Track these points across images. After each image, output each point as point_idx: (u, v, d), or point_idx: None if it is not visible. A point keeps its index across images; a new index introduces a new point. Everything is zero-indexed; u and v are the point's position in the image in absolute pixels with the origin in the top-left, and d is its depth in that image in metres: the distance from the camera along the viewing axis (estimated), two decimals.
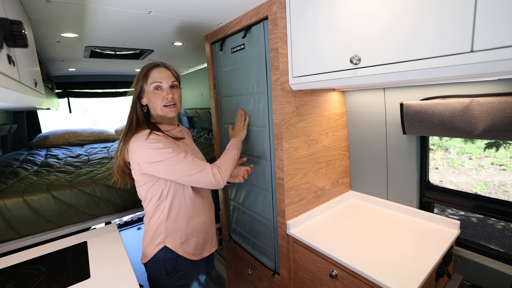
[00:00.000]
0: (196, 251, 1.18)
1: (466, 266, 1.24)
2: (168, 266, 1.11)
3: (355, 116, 1.56)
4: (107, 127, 4.41)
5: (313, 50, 1.09)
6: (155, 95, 1.05)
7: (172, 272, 1.12)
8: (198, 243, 1.19)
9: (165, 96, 1.05)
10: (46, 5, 1.12)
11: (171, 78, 1.08)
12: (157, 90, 1.05)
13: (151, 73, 1.04)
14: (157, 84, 1.05)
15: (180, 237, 1.13)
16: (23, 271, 1.15)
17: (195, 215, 1.17)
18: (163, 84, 1.05)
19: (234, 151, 1.21)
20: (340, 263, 1.08)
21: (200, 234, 1.19)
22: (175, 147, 1.03)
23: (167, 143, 1.01)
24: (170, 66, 1.11)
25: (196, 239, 1.18)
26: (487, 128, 1.02)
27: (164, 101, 1.05)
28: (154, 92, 1.05)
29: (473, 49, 0.66)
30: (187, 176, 1.01)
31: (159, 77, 1.05)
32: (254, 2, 1.20)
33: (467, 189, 3.59)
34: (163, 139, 1.02)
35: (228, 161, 1.14)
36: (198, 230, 1.18)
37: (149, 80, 1.04)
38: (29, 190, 1.70)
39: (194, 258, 1.17)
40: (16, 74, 0.77)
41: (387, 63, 0.85)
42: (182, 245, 1.13)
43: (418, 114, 1.21)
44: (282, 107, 1.21)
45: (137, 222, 3.72)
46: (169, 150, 0.99)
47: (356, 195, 1.64)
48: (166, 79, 1.06)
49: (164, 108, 1.07)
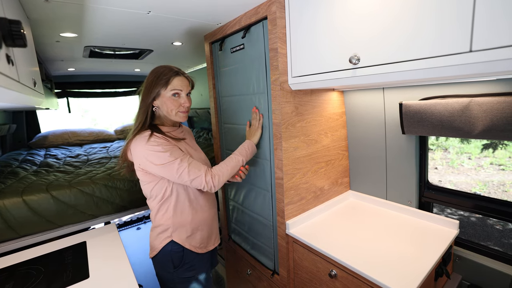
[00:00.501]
0: (201, 244, 1.22)
1: (465, 266, 1.24)
2: (175, 259, 1.15)
3: (355, 116, 1.56)
4: (107, 127, 4.40)
5: (312, 50, 1.09)
6: (172, 102, 1.10)
7: (179, 264, 1.15)
8: (203, 237, 1.22)
9: (183, 104, 1.12)
10: (45, 4, 1.12)
11: (188, 87, 1.15)
12: (175, 96, 1.10)
13: (172, 81, 1.08)
14: (176, 92, 1.10)
15: (186, 231, 1.17)
16: (22, 271, 1.15)
17: (200, 210, 1.21)
18: (182, 93, 1.11)
19: (240, 157, 1.21)
20: (339, 263, 1.08)
21: (205, 228, 1.23)
22: (174, 151, 1.06)
23: (166, 147, 1.04)
24: (188, 75, 1.16)
25: (201, 233, 1.21)
26: (486, 128, 1.02)
27: (181, 108, 1.12)
28: (172, 98, 1.10)
29: (472, 49, 0.66)
30: (182, 180, 1.06)
31: (179, 85, 1.10)
32: (253, 2, 1.20)
33: (467, 189, 3.60)
34: (163, 142, 1.05)
35: (227, 168, 1.15)
36: (203, 225, 1.22)
37: (169, 87, 1.08)
38: (28, 190, 1.70)
39: (200, 251, 1.21)
40: (15, 73, 0.77)
41: (386, 63, 0.85)
42: (188, 239, 1.17)
43: (417, 114, 1.22)
44: (282, 107, 1.21)
45: (136, 222, 3.72)
46: (167, 154, 1.03)
47: (356, 195, 1.64)
48: (185, 88, 1.12)
49: (179, 113, 1.12)
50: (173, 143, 1.09)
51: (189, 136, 1.31)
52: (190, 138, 1.30)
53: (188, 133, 1.32)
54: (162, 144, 1.04)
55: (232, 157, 1.20)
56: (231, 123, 1.59)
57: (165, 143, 1.05)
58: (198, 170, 1.06)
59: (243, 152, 1.23)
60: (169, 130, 1.17)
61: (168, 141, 1.08)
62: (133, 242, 3.18)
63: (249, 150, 1.26)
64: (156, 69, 1.11)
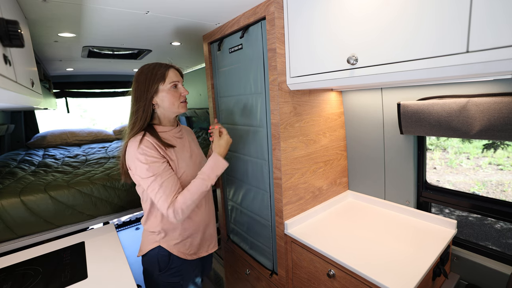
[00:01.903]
0: (191, 251, 1.18)
1: (463, 265, 1.24)
2: (161, 262, 1.13)
3: (353, 116, 1.57)
4: (106, 127, 4.40)
5: (310, 50, 1.10)
6: (173, 94, 1.11)
7: (164, 268, 1.13)
8: (193, 243, 1.19)
9: (182, 94, 1.14)
10: (43, 4, 1.12)
11: (181, 78, 1.17)
12: (175, 88, 1.12)
13: (168, 74, 1.10)
14: (175, 83, 1.11)
15: (175, 237, 1.14)
16: (20, 271, 1.15)
17: (192, 217, 1.17)
18: (179, 83, 1.14)
19: (206, 182, 1.06)
20: (337, 263, 1.08)
21: (197, 234, 1.20)
22: (154, 166, 1.00)
23: (149, 158, 1.00)
24: (178, 67, 1.17)
25: (191, 239, 1.18)
26: (483, 128, 1.03)
27: (182, 98, 1.14)
28: (172, 90, 1.10)
29: (468, 50, 0.66)
30: (150, 196, 1.04)
31: (175, 77, 1.12)
32: (251, 2, 1.20)
33: (465, 189, 3.61)
34: (149, 151, 1.01)
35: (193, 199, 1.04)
36: (195, 231, 1.19)
37: (168, 80, 1.09)
38: (26, 190, 1.70)
39: (189, 258, 1.18)
40: (13, 74, 0.76)
41: (384, 63, 0.85)
42: (177, 245, 1.14)
43: (415, 114, 1.22)
44: (280, 107, 1.22)
45: (135, 222, 3.71)
46: (145, 167, 0.99)
47: (354, 194, 1.65)
48: (179, 78, 1.15)
49: (181, 104, 1.14)
50: (162, 152, 1.04)
51: (188, 136, 1.27)
52: (188, 138, 1.26)
53: (188, 132, 1.29)
54: (147, 154, 1.00)
55: (197, 184, 1.05)
56: (229, 123, 1.59)
57: (150, 153, 1.01)
58: (165, 199, 1.00)
59: (210, 175, 1.07)
60: (166, 130, 1.14)
61: (157, 150, 1.03)
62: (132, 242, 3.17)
63: (215, 170, 1.08)
64: (145, 67, 1.09)
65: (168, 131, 1.15)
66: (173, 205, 1.01)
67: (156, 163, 1.01)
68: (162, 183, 1.00)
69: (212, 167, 1.09)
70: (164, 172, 1.02)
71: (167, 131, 1.15)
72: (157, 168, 1.01)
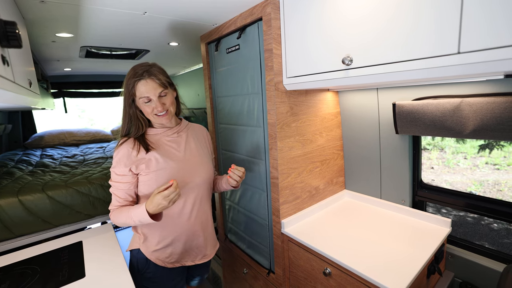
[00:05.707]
0: (172, 259, 1.14)
1: (457, 263, 1.26)
2: (140, 264, 1.14)
3: (349, 116, 1.58)
4: (104, 127, 4.39)
5: (306, 51, 1.11)
6: (145, 107, 1.03)
7: (141, 271, 1.14)
8: (174, 252, 1.13)
9: (155, 108, 1.03)
10: (41, 5, 1.12)
11: (158, 89, 1.01)
12: (147, 102, 1.02)
13: (137, 87, 1.00)
14: (144, 99, 1.01)
15: (154, 244, 1.11)
16: (18, 271, 1.15)
17: (170, 224, 1.11)
18: (151, 97, 1.01)
19: (132, 222, 1.01)
20: (333, 261, 1.09)
21: (177, 244, 1.13)
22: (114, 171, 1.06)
23: (120, 163, 1.03)
24: (155, 74, 1.01)
25: (172, 248, 1.12)
26: (476, 128, 1.04)
27: (155, 111, 1.03)
28: (144, 104, 1.03)
29: (460, 51, 0.68)
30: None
31: (145, 91, 1.00)
32: (248, 3, 1.21)
33: (462, 189, 3.63)
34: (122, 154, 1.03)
35: (118, 222, 1.06)
36: (174, 240, 1.12)
37: (137, 94, 1.01)
38: (24, 190, 1.70)
39: (170, 266, 1.14)
40: (10, 74, 0.77)
41: (378, 64, 0.86)
42: (155, 252, 1.12)
43: (410, 114, 1.23)
44: (277, 107, 1.23)
45: None
46: (114, 170, 1.06)
47: (350, 194, 1.66)
48: (152, 91, 1.00)
49: (157, 117, 1.05)
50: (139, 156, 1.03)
51: (192, 133, 1.21)
52: (192, 136, 1.20)
53: (193, 131, 1.22)
54: (117, 156, 1.04)
55: (125, 215, 1.02)
56: (226, 123, 1.60)
57: (121, 157, 1.02)
58: (111, 205, 1.10)
59: (134, 219, 0.99)
60: (157, 133, 1.11)
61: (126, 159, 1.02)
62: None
63: (141, 219, 0.97)
64: (128, 73, 1.04)
65: (160, 133, 1.12)
66: (111, 214, 1.10)
67: (116, 171, 1.06)
68: (113, 191, 1.09)
69: (138, 215, 0.98)
70: (116, 183, 1.06)
71: (158, 133, 1.12)
72: (115, 176, 1.06)
